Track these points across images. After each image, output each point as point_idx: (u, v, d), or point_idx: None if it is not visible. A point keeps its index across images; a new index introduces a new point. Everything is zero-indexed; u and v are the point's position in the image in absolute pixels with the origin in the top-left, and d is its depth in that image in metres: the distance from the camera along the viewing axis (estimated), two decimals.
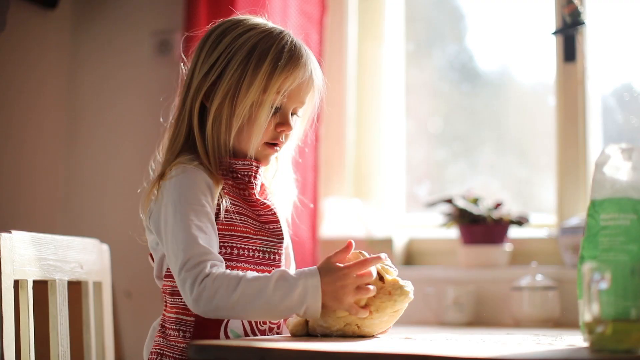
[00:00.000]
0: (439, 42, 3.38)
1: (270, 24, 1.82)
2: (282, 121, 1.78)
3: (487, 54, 3.29)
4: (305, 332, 1.67)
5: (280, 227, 1.81)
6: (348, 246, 1.66)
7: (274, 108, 1.75)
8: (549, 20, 2.89)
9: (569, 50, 2.82)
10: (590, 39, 2.82)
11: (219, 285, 1.58)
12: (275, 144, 1.80)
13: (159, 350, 1.76)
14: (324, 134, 3.06)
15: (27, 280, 1.81)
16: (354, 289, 1.60)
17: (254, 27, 1.79)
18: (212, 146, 1.75)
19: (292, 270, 1.95)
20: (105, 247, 2.18)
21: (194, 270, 1.60)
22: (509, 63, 3.26)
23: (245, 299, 1.58)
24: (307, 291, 1.58)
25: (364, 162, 3.18)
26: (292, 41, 1.78)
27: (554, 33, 2.83)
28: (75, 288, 2.05)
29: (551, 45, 2.89)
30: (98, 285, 2.12)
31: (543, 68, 3.08)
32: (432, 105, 3.35)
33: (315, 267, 1.62)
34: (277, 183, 1.91)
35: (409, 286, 1.66)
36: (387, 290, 1.64)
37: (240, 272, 1.61)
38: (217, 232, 1.70)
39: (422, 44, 3.34)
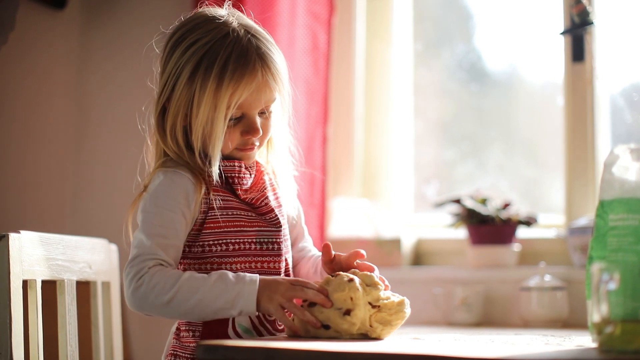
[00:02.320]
0: (447, 42, 3.37)
1: (219, 25, 1.74)
2: (247, 129, 1.74)
3: (495, 54, 3.29)
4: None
5: (276, 216, 1.80)
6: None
7: (228, 120, 1.71)
8: (558, 20, 2.89)
9: (578, 50, 2.82)
10: (599, 39, 2.82)
11: (157, 283, 1.60)
12: (248, 148, 1.78)
13: (173, 352, 1.78)
14: (332, 134, 3.07)
15: (35, 280, 1.81)
16: (284, 296, 1.60)
17: (200, 37, 1.73)
18: (181, 155, 1.75)
19: (308, 244, 1.97)
20: (113, 247, 2.19)
21: (137, 266, 1.63)
22: (518, 63, 3.26)
23: (180, 297, 1.60)
24: (242, 295, 1.60)
25: (372, 162, 3.18)
26: (237, 46, 1.71)
27: (562, 33, 2.82)
28: (84, 288, 2.05)
29: (560, 45, 2.88)
30: (106, 285, 2.13)
31: (552, 68, 3.08)
32: (441, 105, 3.34)
33: (257, 275, 1.64)
34: (274, 165, 1.89)
35: (403, 304, 1.65)
36: (385, 318, 1.63)
37: (179, 272, 1.63)
38: (182, 237, 1.70)
39: (430, 43, 3.34)
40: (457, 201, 2.85)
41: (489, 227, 2.79)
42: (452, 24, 3.40)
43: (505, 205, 2.84)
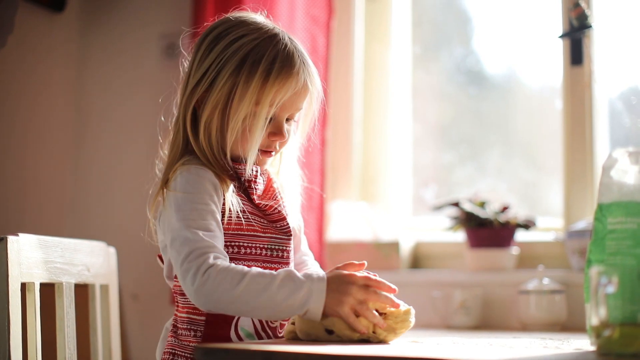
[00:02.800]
0: (446, 45, 3.38)
1: (264, 26, 1.78)
2: (275, 131, 1.76)
3: (494, 57, 3.29)
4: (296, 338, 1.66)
5: (287, 224, 1.80)
6: (361, 265, 1.67)
7: (268, 119, 1.74)
8: (556, 23, 2.89)
9: (576, 53, 2.82)
10: (597, 42, 2.82)
11: (223, 278, 1.57)
12: (269, 151, 1.79)
13: (171, 350, 1.76)
14: (330, 137, 3.07)
15: (34, 283, 1.81)
16: (356, 299, 1.58)
17: (246, 33, 1.75)
18: (208, 153, 1.75)
19: (310, 260, 1.98)
20: (112, 250, 2.19)
21: (197, 260, 1.59)
22: (516, 66, 3.26)
23: (249, 294, 1.56)
24: (312, 294, 1.57)
25: (370, 165, 3.18)
26: (284, 48, 1.74)
27: (561, 36, 2.82)
28: (82, 291, 2.05)
29: (558, 49, 2.89)
30: (105, 288, 2.12)
31: (550, 71, 3.08)
32: (439, 108, 3.34)
33: (324, 273, 1.62)
34: (283, 177, 1.90)
35: (409, 313, 1.64)
36: (390, 326, 1.62)
37: (245, 268, 1.60)
38: (222, 230, 1.69)
39: (429, 46, 3.34)
40: (456, 204, 2.85)
41: (487, 230, 2.79)
42: (450, 27, 3.40)
43: (504, 209, 2.84)
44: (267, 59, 1.72)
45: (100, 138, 3.35)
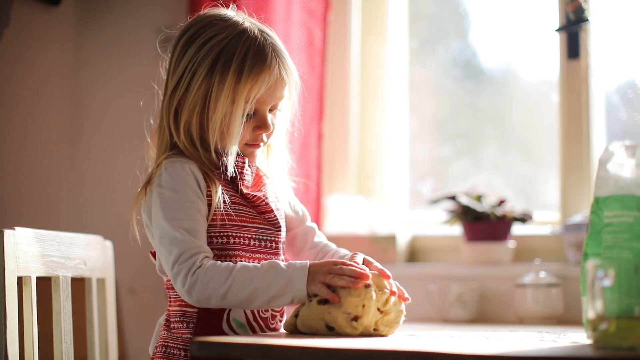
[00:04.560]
0: (442, 39, 3.37)
1: (233, 23, 1.79)
2: (258, 124, 1.78)
3: (490, 51, 3.29)
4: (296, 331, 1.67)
5: (275, 216, 1.82)
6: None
7: (246, 115, 1.75)
8: (553, 17, 2.89)
9: (573, 47, 2.82)
10: (594, 36, 2.82)
11: (211, 276, 1.64)
12: (256, 144, 1.82)
13: (163, 343, 1.78)
14: (327, 131, 3.06)
15: (30, 276, 1.81)
16: (327, 271, 1.63)
17: (215, 34, 1.77)
18: (192, 151, 1.77)
19: (323, 238, 2.00)
20: (108, 244, 2.19)
21: (187, 262, 1.66)
22: (513, 60, 3.26)
23: (236, 288, 1.63)
24: (293, 281, 1.63)
25: (367, 159, 3.18)
26: (255, 43, 1.76)
27: (557, 30, 2.82)
28: (79, 285, 2.05)
29: (555, 42, 2.88)
30: (101, 282, 2.12)
31: (547, 65, 3.08)
32: (436, 102, 3.34)
33: (307, 262, 1.67)
34: (273, 168, 1.92)
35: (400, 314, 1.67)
36: (390, 319, 1.64)
37: (230, 264, 1.67)
38: (206, 224, 1.73)
39: (425, 41, 3.34)
40: (452, 198, 2.85)
41: (484, 224, 2.79)
42: (447, 21, 3.40)
43: (501, 202, 2.85)
44: (237, 57, 1.73)
45: (96, 132, 3.34)
